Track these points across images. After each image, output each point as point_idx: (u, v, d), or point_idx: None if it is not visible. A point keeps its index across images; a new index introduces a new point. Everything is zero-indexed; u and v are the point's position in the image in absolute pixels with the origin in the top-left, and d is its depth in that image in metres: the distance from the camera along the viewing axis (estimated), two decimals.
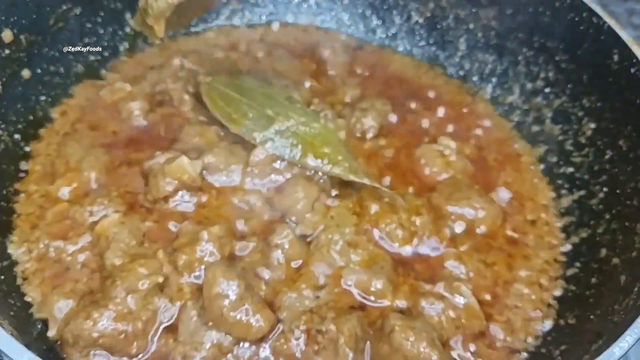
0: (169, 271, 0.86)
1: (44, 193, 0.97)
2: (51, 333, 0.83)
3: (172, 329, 0.83)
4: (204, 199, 0.96)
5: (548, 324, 0.91)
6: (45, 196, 0.96)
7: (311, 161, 0.98)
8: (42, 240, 0.91)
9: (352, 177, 0.96)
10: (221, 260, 0.87)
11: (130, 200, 0.95)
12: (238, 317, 0.81)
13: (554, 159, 1.09)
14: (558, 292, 0.94)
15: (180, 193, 0.94)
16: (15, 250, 0.90)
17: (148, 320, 0.82)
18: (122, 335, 0.80)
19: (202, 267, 0.86)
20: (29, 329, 0.82)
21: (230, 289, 0.81)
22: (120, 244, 0.88)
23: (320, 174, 0.99)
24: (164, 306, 0.84)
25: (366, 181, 0.95)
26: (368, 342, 0.84)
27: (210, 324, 0.82)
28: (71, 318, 0.81)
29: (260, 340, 0.83)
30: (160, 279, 0.85)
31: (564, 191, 1.06)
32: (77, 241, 0.90)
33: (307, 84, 1.15)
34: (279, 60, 1.21)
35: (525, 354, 0.88)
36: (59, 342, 0.82)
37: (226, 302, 0.81)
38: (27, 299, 0.86)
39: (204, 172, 0.97)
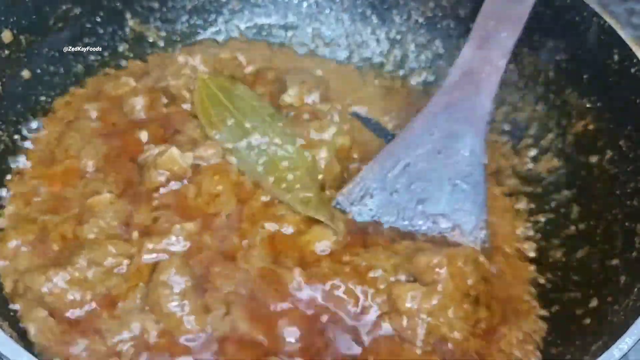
0: (135, 252, 0.89)
1: (39, 175, 0.99)
2: (7, 286, 0.85)
3: (112, 304, 0.85)
4: (192, 191, 0.97)
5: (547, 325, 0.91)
6: (41, 178, 0.98)
7: (269, 183, 0.98)
8: (32, 215, 0.93)
9: (299, 209, 0.95)
10: (185, 256, 0.89)
11: (125, 186, 0.97)
12: (173, 309, 0.83)
13: None
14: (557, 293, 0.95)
15: (171, 184, 0.96)
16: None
17: (97, 295, 0.85)
18: (69, 300, 0.83)
19: (166, 256, 0.88)
20: None
21: (177, 282, 0.84)
22: (101, 222, 0.91)
23: None
24: (118, 284, 0.86)
25: (319, 217, 0.94)
26: None
27: (147, 308, 0.84)
28: (28, 271, 0.85)
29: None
30: (126, 262, 0.88)
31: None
32: (65, 215, 0.93)
33: None
34: None
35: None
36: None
37: (167, 291, 0.83)
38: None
39: (201, 164, 0.98)
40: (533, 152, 1.11)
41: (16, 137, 1.01)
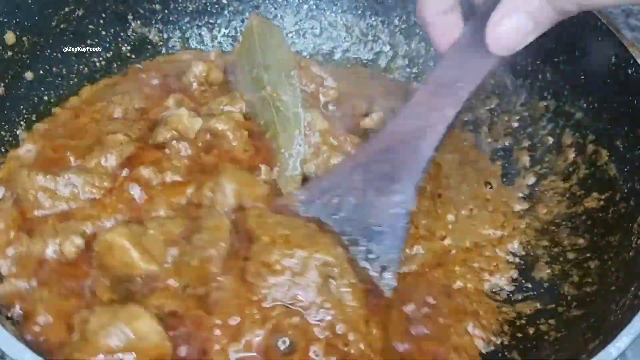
0: (111, 187, 0.94)
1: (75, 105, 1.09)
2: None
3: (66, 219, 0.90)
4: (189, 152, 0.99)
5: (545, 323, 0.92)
6: (74, 109, 1.09)
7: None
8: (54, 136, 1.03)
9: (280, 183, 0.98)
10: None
11: (142, 135, 1.01)
12: None
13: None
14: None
15: (173, 142, 0.98)
16: None
17: (59, 207, 0.91)
18: (34, 201, 0.91)
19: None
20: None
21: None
22: (102, 157, 0.96)
23: None
24: (83, 208, 0.92)
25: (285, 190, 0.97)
26: None
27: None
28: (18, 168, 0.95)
29: None
30: (100, 193, 0.93)
31: None
32: (78, 142, 1.00)
33: None
34: None
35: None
36: None
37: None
38: None
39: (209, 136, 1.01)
40: (528, 154, 1.12)
41: (20, 137, 1.03)
